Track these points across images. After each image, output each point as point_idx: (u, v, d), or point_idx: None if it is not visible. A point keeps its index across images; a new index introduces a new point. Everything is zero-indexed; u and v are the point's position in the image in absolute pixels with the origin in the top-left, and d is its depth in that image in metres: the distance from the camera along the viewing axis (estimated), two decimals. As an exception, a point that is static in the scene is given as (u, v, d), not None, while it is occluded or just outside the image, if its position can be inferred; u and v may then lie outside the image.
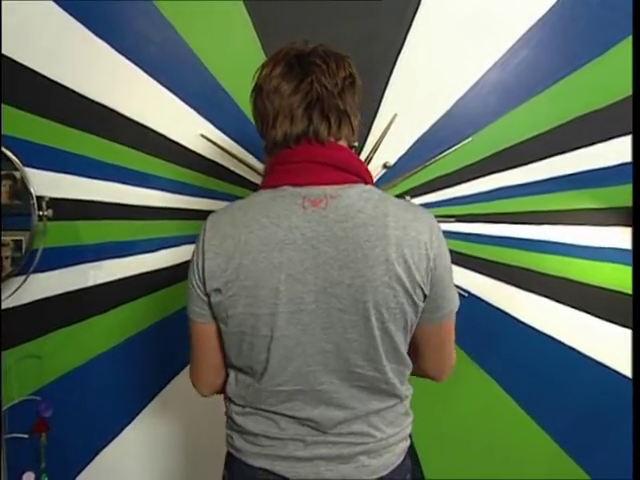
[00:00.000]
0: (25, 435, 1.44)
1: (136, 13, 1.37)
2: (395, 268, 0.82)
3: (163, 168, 1.42)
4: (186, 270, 0.90)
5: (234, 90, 1.38)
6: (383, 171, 1.41)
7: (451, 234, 1.40)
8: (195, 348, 0.96)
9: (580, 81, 1.38)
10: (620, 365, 1.43)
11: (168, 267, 1.43)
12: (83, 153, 1.40)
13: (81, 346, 1.45)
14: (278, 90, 0.86)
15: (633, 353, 1.29)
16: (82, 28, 1.36)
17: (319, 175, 0.85)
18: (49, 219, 1.37)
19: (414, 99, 1.38)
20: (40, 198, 1.36)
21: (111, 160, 1.41)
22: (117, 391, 1.48)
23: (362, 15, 1.36)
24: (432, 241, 0.85)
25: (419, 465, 1.46)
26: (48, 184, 1.38)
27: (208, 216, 0.90)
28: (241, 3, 1.37)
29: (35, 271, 1.39)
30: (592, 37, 1.37)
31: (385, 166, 1.40)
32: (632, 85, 1.31)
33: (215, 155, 1.41)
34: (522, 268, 1.43)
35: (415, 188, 1.42)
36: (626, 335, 1.40)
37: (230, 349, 0.90)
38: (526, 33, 1.37)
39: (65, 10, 1.36)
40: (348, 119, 0.88)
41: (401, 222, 0.84)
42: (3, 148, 1.34)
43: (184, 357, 1.00)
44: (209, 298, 0.87)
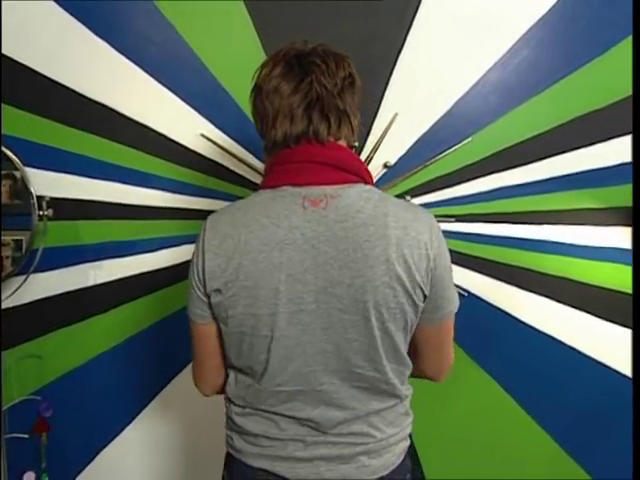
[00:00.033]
0: (25, 435, 1.44)
1: (136, 13, 1.38)
2: (395, 268, 0.82)
3: (163, 168, 1.42)
4: (186, 270, 0.91)
5: (234, 90, 1.38)
6: (383, 171, 1.41)
7: (451, 234, 1.40)
8: (196, 349, 0.96)
9: (580, 81, 1.38)
10: (620, 365, 1.43)
11: (168, 267, 1.43)
12: (83, 153, 1.40)
13: (81, 346, 1.45)
14: (278, 90, 0.86)
15: (633, 353, 1.29)
16: (82, 28, 1.36)
17: (319, 175, 0.85)
18: (49, 219, 1.37)
19: (414, 99, 1.38)
20: (40, 198, 1.36)
21: (111, 160, 1.41)
22: (117, 391, 1.48)
23: (362, 15, 1.36)
24: (432, 241, 0.85)
25: (419, 465, 1.46)
26: (48, 184, 1.38)
27: (208, 216, 0.90)
28: (241, 3, 1.37)
29: (35, 271, 1.39)
30: (592, 37, 1.37)
31: (385, 166, 1.40)
32: (632, 85, 1.31)
33: (215, 155, 1.41)
34: (522, 268, 1.43)
35: (415, 188, 1.42)
36: (626, 335, 1.40)
37: (230, 349, 0.90)
38: (526, 33, 1.37)
39: (65, 10, 1.36)
40: (348, 119, 0.88)
41: (401, 222, 0.84)
42: (3, 148, 1.34)
43: (184, 357, 1.00)
44: (209, 299, 0.87)
